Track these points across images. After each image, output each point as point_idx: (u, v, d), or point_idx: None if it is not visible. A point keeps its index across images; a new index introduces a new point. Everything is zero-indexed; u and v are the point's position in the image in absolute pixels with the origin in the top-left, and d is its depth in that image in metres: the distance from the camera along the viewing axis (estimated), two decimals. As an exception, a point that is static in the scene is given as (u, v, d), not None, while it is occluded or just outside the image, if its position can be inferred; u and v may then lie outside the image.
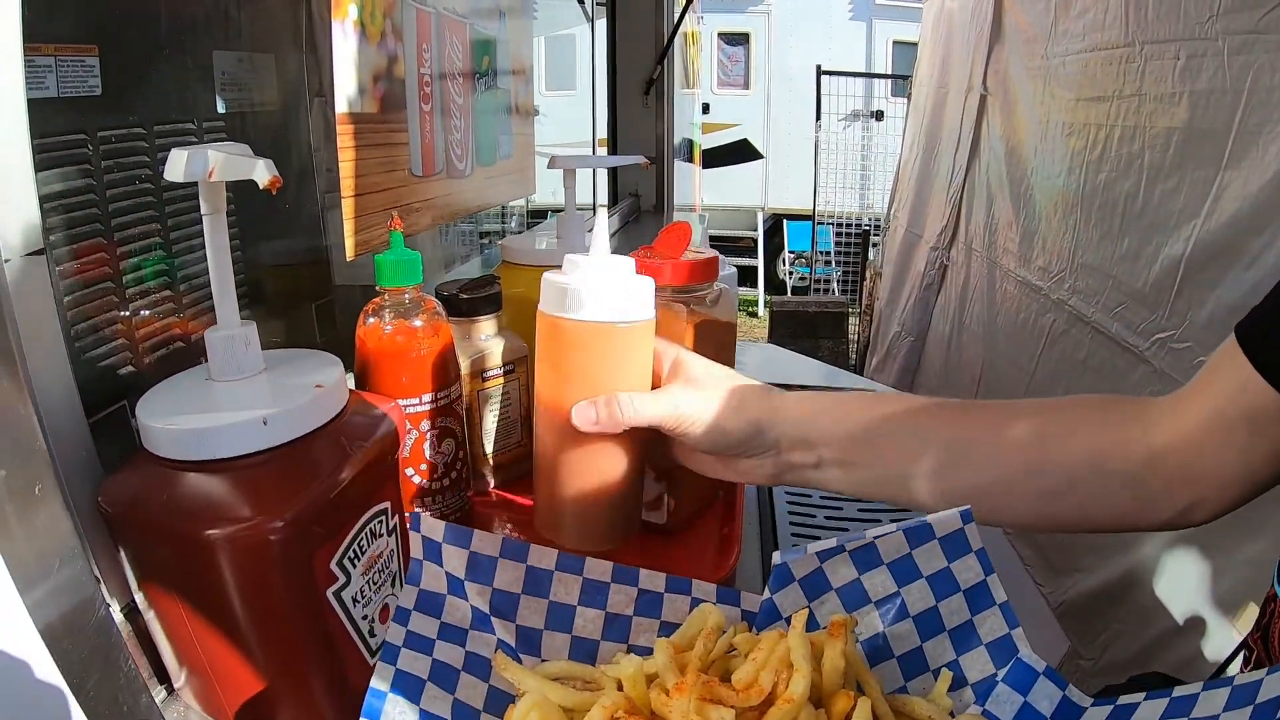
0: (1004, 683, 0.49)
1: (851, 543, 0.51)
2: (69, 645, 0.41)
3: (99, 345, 0.56)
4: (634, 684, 0.45)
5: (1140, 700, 0.44)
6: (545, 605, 0.52)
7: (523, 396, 0.81)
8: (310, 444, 0.49)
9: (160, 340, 0.61)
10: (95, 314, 0.55)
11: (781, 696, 0.43)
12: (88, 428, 0.50)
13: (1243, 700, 0.39)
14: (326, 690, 0.51)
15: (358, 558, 0.51)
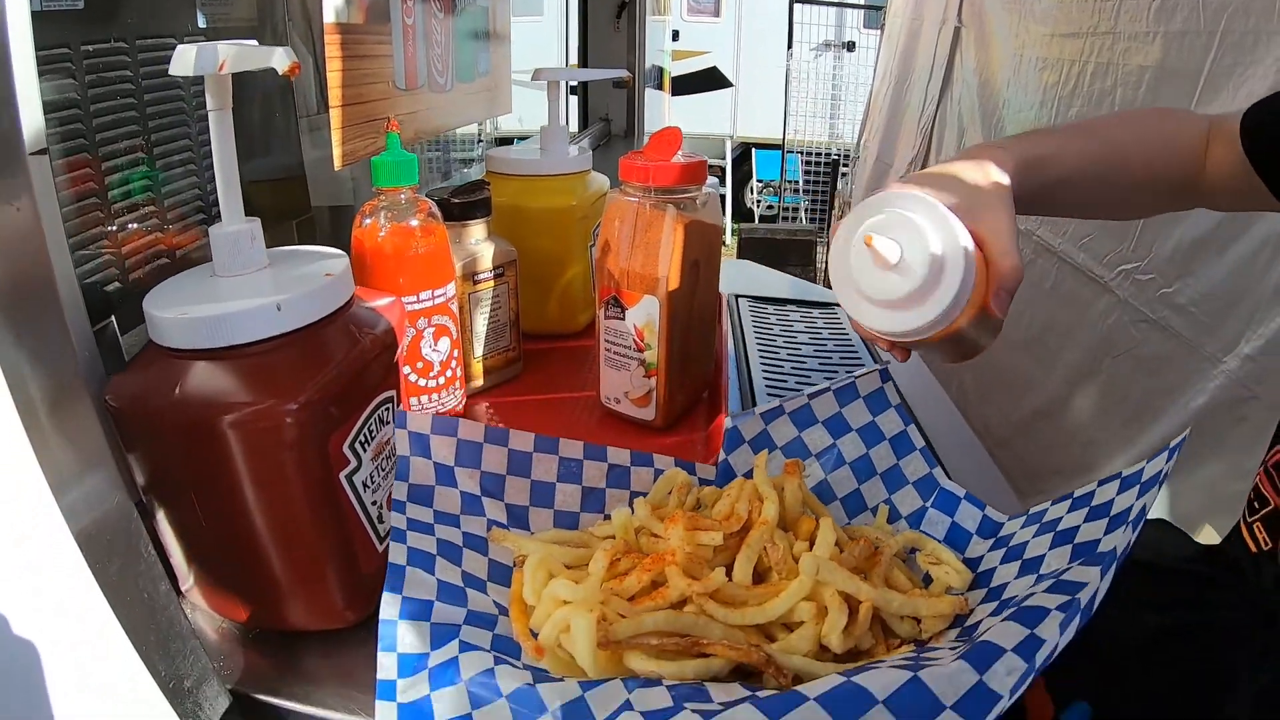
0: (933, 508, 0.58)
1: (790, 404, 0.61)
2: (93, 530, 0.42)
3: (86, 261, 0.55)
4: (625, 530, 0.52)
5: (1047, 505, 0.51)
6: (528, 484, 0.57)
7: (512, 300, 0.82)
8: (322, 330, 0.50)
9: (146, 256, 0.61)
10: (81, 230, 0.54)
11: (757, 521, 0.51)
12: (90, 329, 0.50)
13: (1130, 484, 0.46)
14: (339, 577, 0.52)
15: (368, 442, 0.52)
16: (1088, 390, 1.48)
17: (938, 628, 0.47)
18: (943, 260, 0.47)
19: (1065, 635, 0.36)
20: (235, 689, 0.51)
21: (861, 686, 0.35)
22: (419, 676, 0.43)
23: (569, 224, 0.91)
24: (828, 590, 0.46)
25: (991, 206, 0.51)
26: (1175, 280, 1.29)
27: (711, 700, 0.39)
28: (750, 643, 0.44)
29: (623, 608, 0.46)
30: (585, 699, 0.40)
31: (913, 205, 0.48)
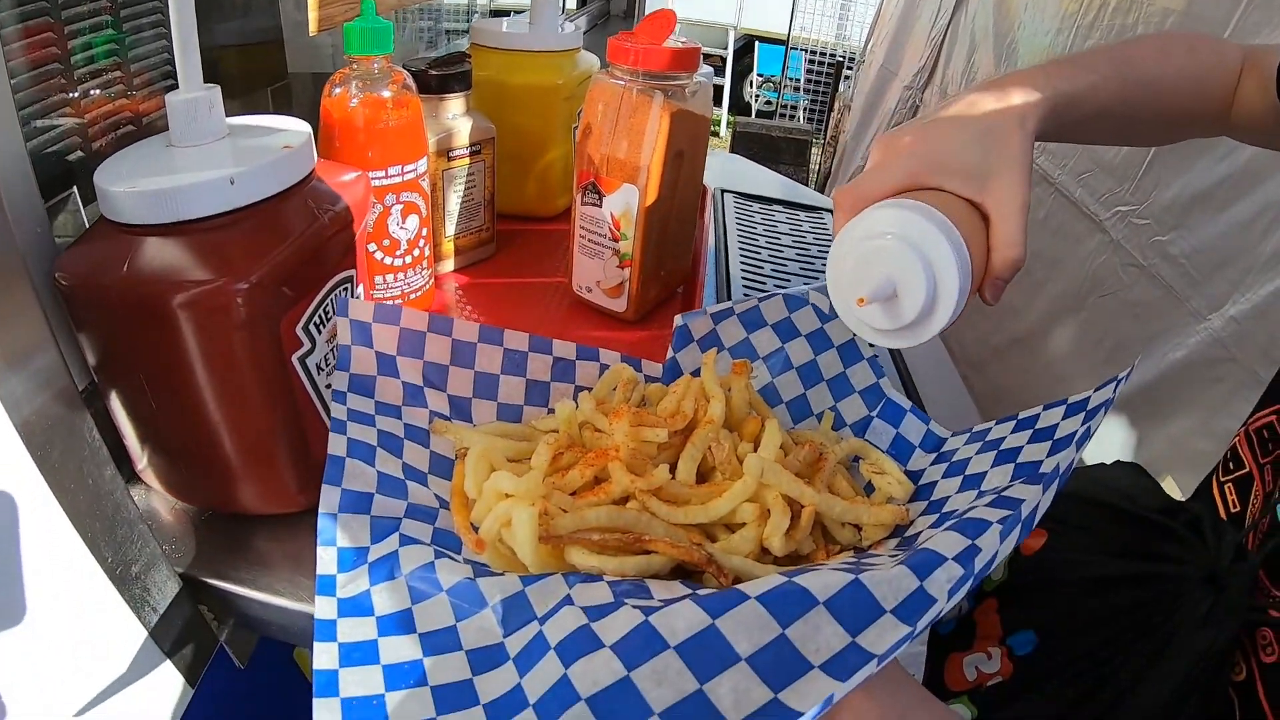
0: (878, 418, 0.58)
1: (739, 305, 0.60)
2: (31, 415, 0.40)
3: (48, 130, 0.52)
4: (569, 424, 0.52)
5: (991, 425, 0.52)
6: (471, 375, 0.56)
7: (488, 179, 0.79)
8: (278, 205, 0.47)
9: (111, 123, 0.57)
10: (43, 97, 0.51)
11: (702, 420, 0.50)
12: (41, 204, 0.48)
13: (1076, 410, 0.47)
14: (290, 460, 0.51)
15: (322, 324, 0.51)
16: (1068, 325, 1.48)
17: (878, 536, 0.48)
18: (936, 297, 0.45)
19: (1004, 545, 0.36)
20: (185, 573, 0.51)
21: (802, 587, 0.36)
22: (359, 571, 0.43)
23: (553, 103, 0.88)
24: (771, 493, 0.46)
25: (1005, 174, 0.47)
26: (1171, 230, 1.28)
27: (652, 597, 0.39)
28: (692, 541, 0.44)
29: (565, 503, 0.46)
30: (525, 593, 0.41)
31: (907, 229, 0.45)
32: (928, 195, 0.47)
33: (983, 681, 0.55)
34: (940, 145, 0.48)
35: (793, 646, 0.34)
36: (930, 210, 0.44)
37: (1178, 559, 0.52)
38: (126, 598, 0.46)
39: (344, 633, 0.40)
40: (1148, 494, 0.59)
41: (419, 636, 0.40)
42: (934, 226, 0.44)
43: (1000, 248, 0.47)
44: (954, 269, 0.44)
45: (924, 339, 0.47)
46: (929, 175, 0.48)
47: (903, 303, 0.45)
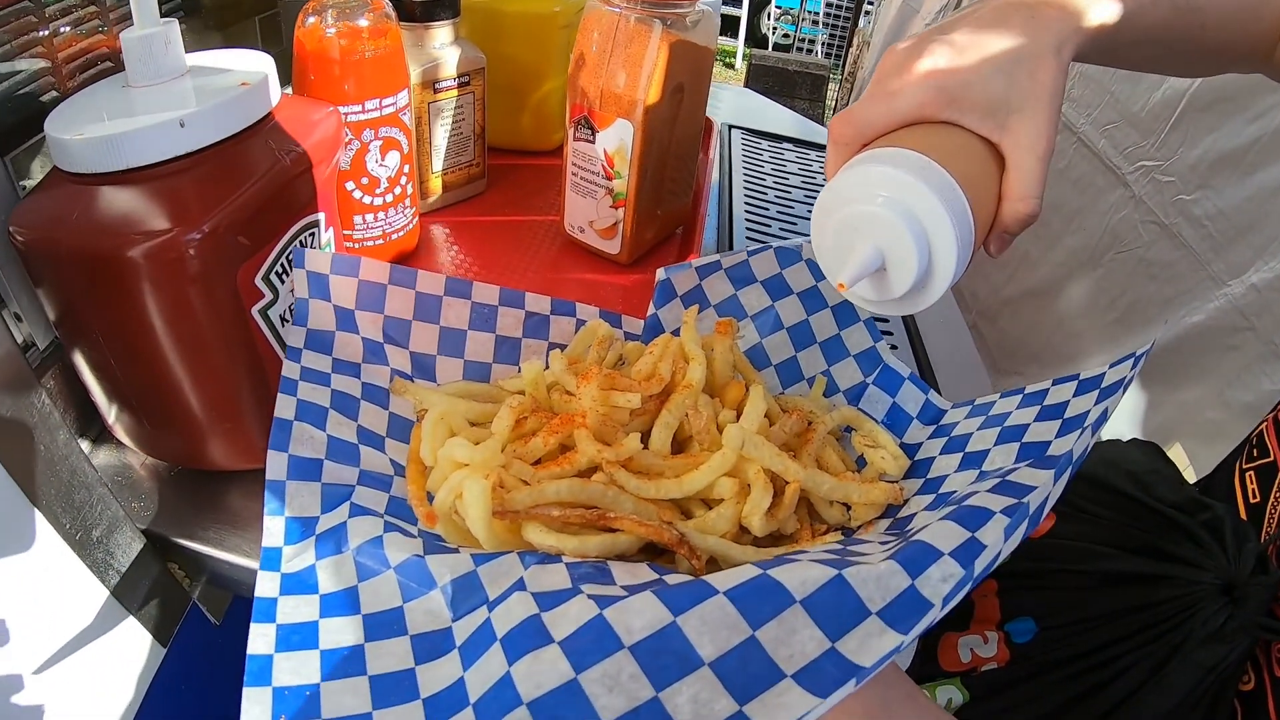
0: (874, 385, 0.55)
1: (728, 259, 0.56)
2: None
3: (18, 71, 0.49)
4: (536, 386, 0.48)
5: (995, 399, 0.49)
6: (437, 331, 0.52)
7: (478, 112, 0.75)
8: (234, 148, 0.45)
9: (85, 61, 0.54)
10: (14, 36, 0.48)
11: (681, 384, 0.47)
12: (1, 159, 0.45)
13: (1088, 387, 0.43)
14: (254, 414, 0.49)
15: (285, 273, 0.48)
16: (1083, 280, 1.44)
17: (868, 516, 0.45)
18: (931, 271, 0.40)
19: (1009, 542, 0.32)
20: (154, 531, 0.49)
21: (778, 582, 0.32)
22: (306, 543, 0.40)
23: (549, 32, 0.82)
24: (752, 467, 0.43)
25: (1031, 113, 0.41)
26: (1195, 190, 1.23)
27: (614, 582, 0.36)
28: (663, 519, 0.41)
29: (526, 472, 0.42)
30: (478, 573, 0.38)
31: (901, 194, 0.39)
32: (937, 133, 0.42)
33: (977, 665, 0.53)
34: (960, 73, 0.42)
35: (763, 651, 0.31)
36: (931, 168, 0.39)
37: (1194, 563, 0.49)
38: (88, 562, 0.45)
39: (284, 613, 0.38)
40: (1165, 483, 0.56)
41: (362, 618, 0.38)
42: (933, 193, 0.38)
43: (1012, 199, 0.42)
44: (953, 243, 0.39)
45: (916, 310, 0.43)
46: (943, 108, 0.42)
47: (891, 276, 0.41)
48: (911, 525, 0.41)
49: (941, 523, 0.35)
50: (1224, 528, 0.50)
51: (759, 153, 1.11)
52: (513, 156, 0.90)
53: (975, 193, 0.40)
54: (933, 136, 0.41)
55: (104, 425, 0.51)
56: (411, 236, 0.70)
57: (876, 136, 0.43)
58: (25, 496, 0.41)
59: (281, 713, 0.34)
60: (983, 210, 0.41)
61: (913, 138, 0.41)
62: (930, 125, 0.42)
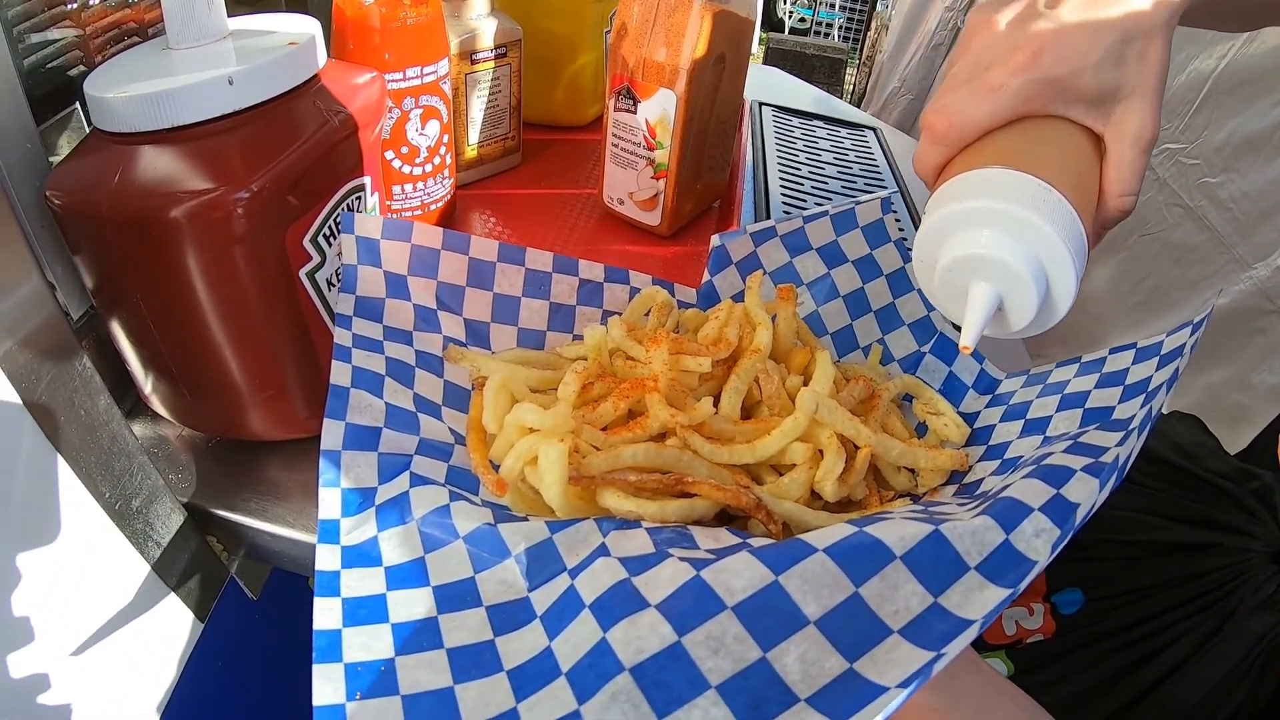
0: (930, 354, 0.54)
1: (783, 225, 0.55)
2: (13, 348, 0.37)
3: (45, 45, 0.48)
4: (599, 351, 0.47)
5: (1051, 368, 0.48)
6: (490, 298, 0.51)
7: (514, 85, 0.74)
8: (282, 107, 0.43)
9: (113, 35, 0.53)
10: (40, 10, 0.47)
11: (748, 349, 0.46)
12: (31, 119, 0.44)
13: (1147, 355, 0.42)
14: (300, 384, 0.48)
15: (332, 236, 0.47)
16: (1108, 263, 1.43)
17: (935, 482, 0.44)
18: (1049, 305, 0.37)
19: (1100, 497, 0.32)
20: (192, 503, 0.48)
21: (876, 538, 0.31)
22: (365, 515, 0.39)
23: (584, 6, 0.82)
24: (824, 432, 0.42)
25: (1139, 99, 0.38)
26: (1220, 173, 1.22)
27: (698, 547, 0.35)
28: (740, 484, 0.40)
29: (596, 439, 0.41)
30: (554, 541, 0.37)
31: (1011, 227, 0.36)
32: (1044, 134, 0.38)
33: (1022, 637, 0.52)
34: (1069, 59, 0.37)
35: (868, 607, 0.30)
36: (1049, 199, 0.35)
37: (1244, 531, 0.48)
38: (128, 533, 0.44)
39: (349, 586, 0.36)
40: (1211, 454, 0.55)
41: (432, 590, 0.36)
42: (1055, 232, 0.35)
43: (1113, 195, 0.39)
44: (1072, 276, 0.36)
45: (1029, 335, 0.40)
46: (1051, 102, 0.38)
47: (1009, 315, 0.38)
48: (980, 490, 0.40)
49: (1025, 480, 0.34)
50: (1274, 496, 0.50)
51: (790, 129, 1.10)
52: (546, 131, 0.89)
53: (1084, 199, 0.37)
54: (1040, 141, 0.38)
55: (139, 397, 0.50)
56: (449, 207, 0.69)
57: (979, 136, 0.40)
58: (66, 463, 0.39)
59: (357, 690, 0.32)
60: (1089, 215, 0.38)
61: (1019, 144, 0.38)
62: (1034, 122, 0.39)
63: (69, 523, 0.40)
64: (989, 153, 0.38)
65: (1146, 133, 0.38)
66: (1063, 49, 0.37)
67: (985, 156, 0.38)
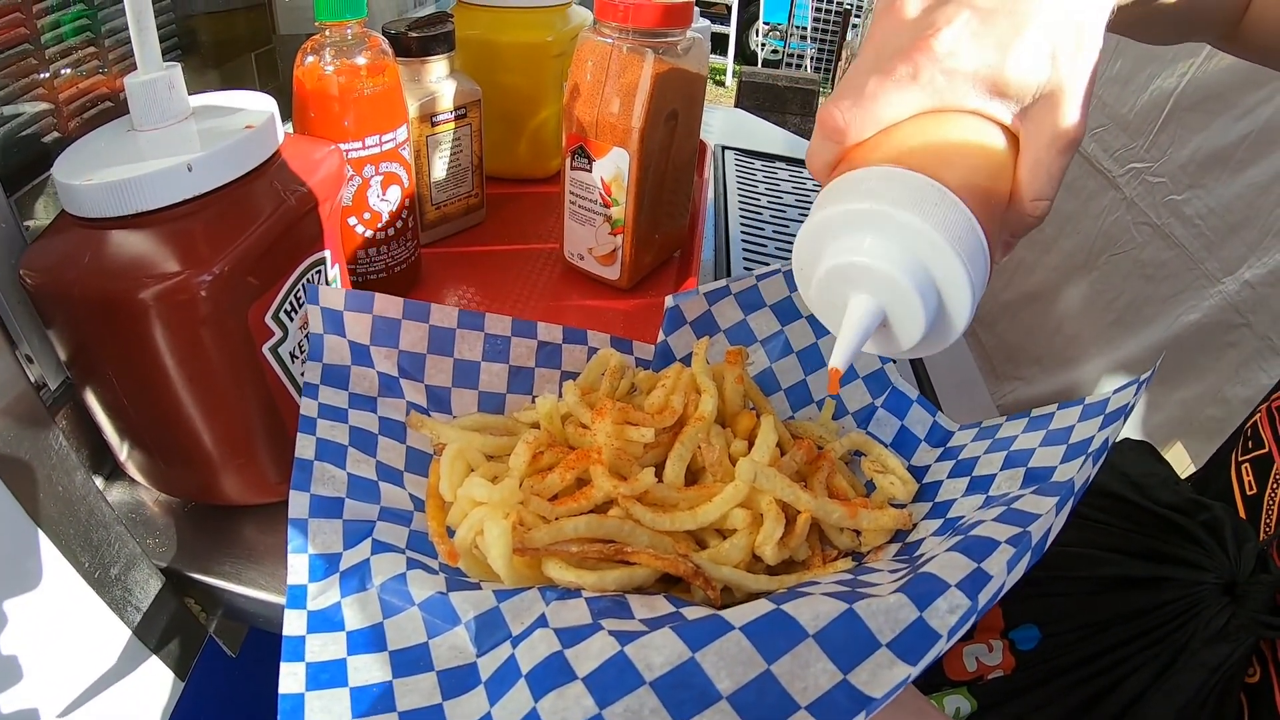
0: (883, 408, 0.55)
1: (736, 284, 0.56)
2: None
3: (20, 113, 0.50)
4: (550, 420, 0.49)
5: (1001, 422, 0.49)
6: (451, 364, 0.53)
7: (475, 143, 0.76)
8: (240, 190, 0.45)
9: (86, 101, 0.55)
10: (13, 79, 0.49)
11: (693, 417, 0.47)
12: (4, 198, 0.46)
13: (1094, 413, 0.43)
14: (269, 451, 0.50)
15: (295, 310, 0.49)
16: (1079, 283, 1.45)
17: (878, 541, 0.46)
18: (941, 322, 0.34)
19: (1013, 574, 0.33)
20: (170, 567, 0.50)
21: (791, 616, 0.33)
22: (330, 580, 0.41)
23: (542, 61, 0.84)
24: (765, 498, 0.43)
25: (1066, 95, 0.33)
26: (1186, 189, 1.24)
27: (633, 616, 0.37)
28: (678, 553, 0.42)
29: (543, 508, 0.43)
30: (500, 609, 0.39)
31: (896, 234, 0.32)
32: (947, 131, 0.34)
33: (983, 673, 0.53)
34: (985, 48, 0.33)
35: (778, 684, 0.31)
36: (944, 202, 0.32)
37: (1195, 564, 0.49)
38: (107, 600, 0.45)
39: (312, 651, 0.38)
40: (1162, 484, 0.56)
41: (389, 654, 0.38)
42: (947, 242, 0.31)
43: (1025, 199, 0.35)
44: (968, 292, 0.32)
45: (926, 354, 0.36)
46: (962, 96, 0.34)
47: (895, 332, 0.35)
48: (920, 550, 0.41)
49: (948, 554, 0.35)
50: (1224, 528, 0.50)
51: (752, 172, 1.12)
52: (510, 185, 0.91)
53: (989, 204, 0.33)
54: (942, 138, 0.34)
55: (116, 463, 0.52)
56: (414, 269, 0.71)
57: (877, 131, 0.35)
58: (46, 536, 0.41)
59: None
60: (995, 220, 0.34)
61: (916, 141, 0.34)
62: (940, 117, 0.35)
63: (50, 591, 0.42)
64: (882, 150, 0.34)
65: (1068, 133, 0.34)
66: (978, 37, 0.33)
67: (878, 154, 0.34)
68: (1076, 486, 0.36)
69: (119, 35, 0.57)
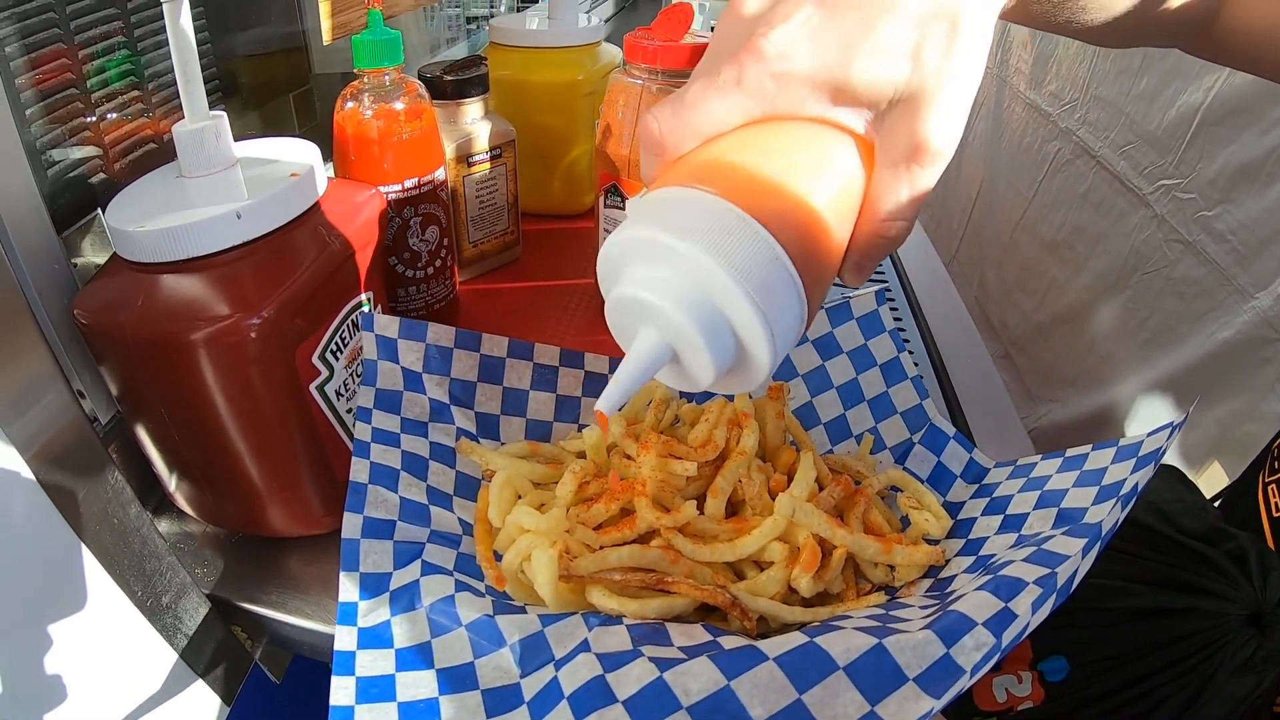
0: (920, 444, 0.55)
1: None
2: (51, 467, 0.41)
3: (68, 155, 0.52)
4: (596, 451, 0.50)
5: (1037, 460, 0.49)
6: (500, 391, 0.55)
7: (510, 182, 0.78)
8: (287, 235, 0.47)
9: (132, 143, 0.58)
10: (61, 122, 0.51)
11: (735, 450, 0.48)
12: (57, 240, 0.48)
13: (1127, 455, 0.43)
14: (315, 485, 0.51)
15: (340, 350, 0.50)
16: (1112, 303, 1.44)
17: (911, 576, 0.46)
18: (741, 352, 0.29)
19: (1037, 615, 0.34)
20: (217, 595, 0.51)
21: (822, 649, 0.34)
22: (380, 599, 0.42)
23: (574, 100, 0.86)
24: (802, 532, 0.44)
25: (927, 99, 0.28)
26: (1216, 205, 1.23)
27: (672, 643, 0.38)
28: (716, 584, 0.43)
29: (588, 537, 0.44)
30: (545, 634, 0.40)
31: (679, 267, 0.28)
32: (778, 138, 0.30)
33: (1013, 705, 0.53)
34: (827, 49, 0.28)
35: (809, 713, 0.33)
36: (739, 228, 0.27)
37: (1220, 595, 0.49)
38: (158, 626, 0.47)
39: (363, 665, 0.40)
40: (1188, 512, 0.55)
41: (436, 672, 0.40)
42: (734, 277, 0.27)
43: (873, 219, 0.30)
44: (761, 332, 0.28)
45: (759, 380, 0.31)
46: (801, 102, 0.29)
47: (689, 368, 0.30)
48: (952, 587, 0.42)
49: (977, 593, 0.36)
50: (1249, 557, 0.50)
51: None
52: (546, 221, 0.93)
53: (813, 233, 0.29)
54: (764, 152, 0.30)
55: (165, 495, 0.54)
56: (452, 306, 0.72)
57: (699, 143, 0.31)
58: (101, 565, 0.43)
59: None
60: (824, 250, 0.30)
61: (730, 155, 0.30)
62: (770, 127, 0.30)
63: (103, 618, 0.44)
64: (689, 166, 0.30)
65: (927, 145, 0.29)
66: (817, 35, 0.28)
67: (682, 171, 0.30)
68: (1104, 531, 0.37)
69: (163, 79, 0.60)
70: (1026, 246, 1.74)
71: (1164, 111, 1.38)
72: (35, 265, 0.47)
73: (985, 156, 2.29)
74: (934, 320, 0.88)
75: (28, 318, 0.40)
